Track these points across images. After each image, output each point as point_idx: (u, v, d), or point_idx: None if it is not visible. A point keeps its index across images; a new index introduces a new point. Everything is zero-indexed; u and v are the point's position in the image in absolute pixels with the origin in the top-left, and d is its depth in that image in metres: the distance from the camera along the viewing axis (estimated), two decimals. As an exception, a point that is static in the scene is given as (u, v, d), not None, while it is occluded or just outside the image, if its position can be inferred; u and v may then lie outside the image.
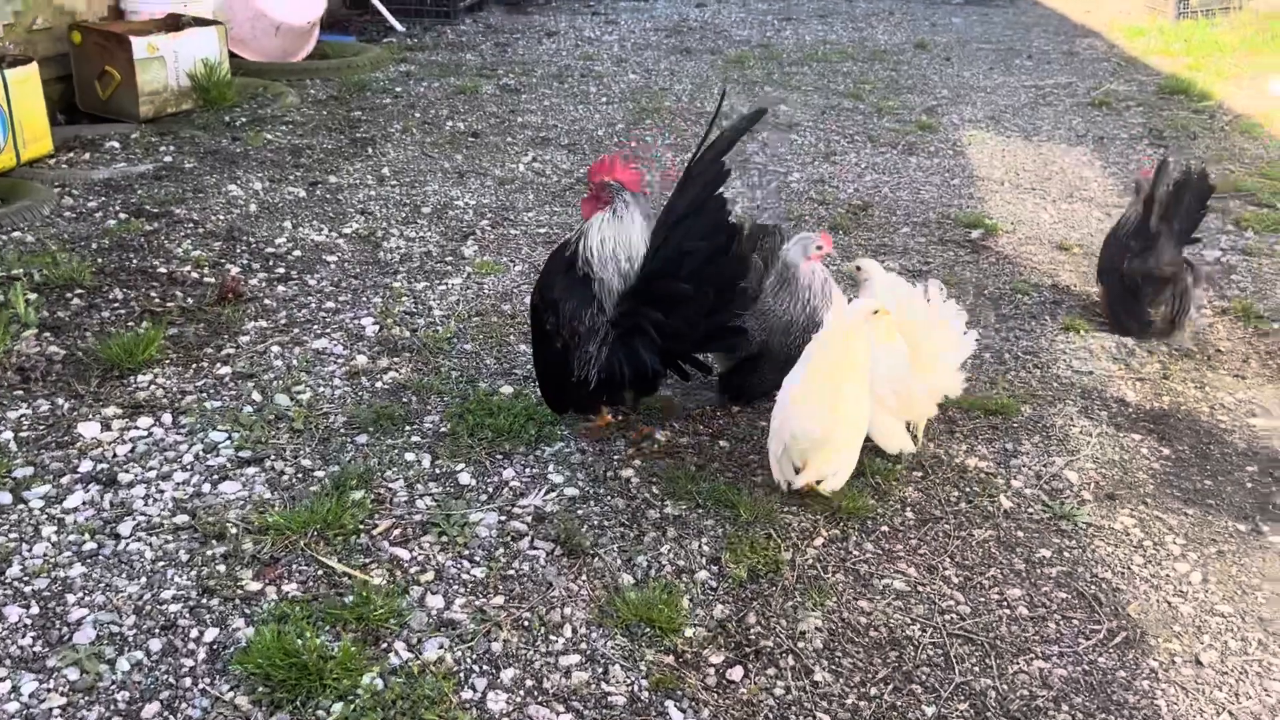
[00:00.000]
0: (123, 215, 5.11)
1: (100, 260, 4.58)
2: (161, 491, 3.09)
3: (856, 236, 5.39)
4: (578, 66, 9.16)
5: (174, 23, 6.94)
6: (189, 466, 3.22)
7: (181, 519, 2.97)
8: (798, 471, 3.09)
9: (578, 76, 8.78)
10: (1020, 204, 6.03)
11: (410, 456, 3.33)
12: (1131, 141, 7.32)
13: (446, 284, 4.65)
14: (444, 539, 2.94)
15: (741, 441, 3.49)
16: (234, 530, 2.92)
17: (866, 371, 3.04)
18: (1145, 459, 3.49)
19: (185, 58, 6.75)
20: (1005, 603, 2.80)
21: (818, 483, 3.10)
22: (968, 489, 3.29)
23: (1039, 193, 6.23)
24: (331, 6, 10.01)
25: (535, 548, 2.93)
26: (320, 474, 3.22)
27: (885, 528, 3.09)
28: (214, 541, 2.88)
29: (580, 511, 3.10)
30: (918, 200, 6.03)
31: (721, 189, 3.17)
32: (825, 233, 3.80)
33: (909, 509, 3.18)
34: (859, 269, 3.39)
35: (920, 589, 2.84)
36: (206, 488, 3.12)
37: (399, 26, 10.33)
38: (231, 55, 7.40)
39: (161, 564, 2.80)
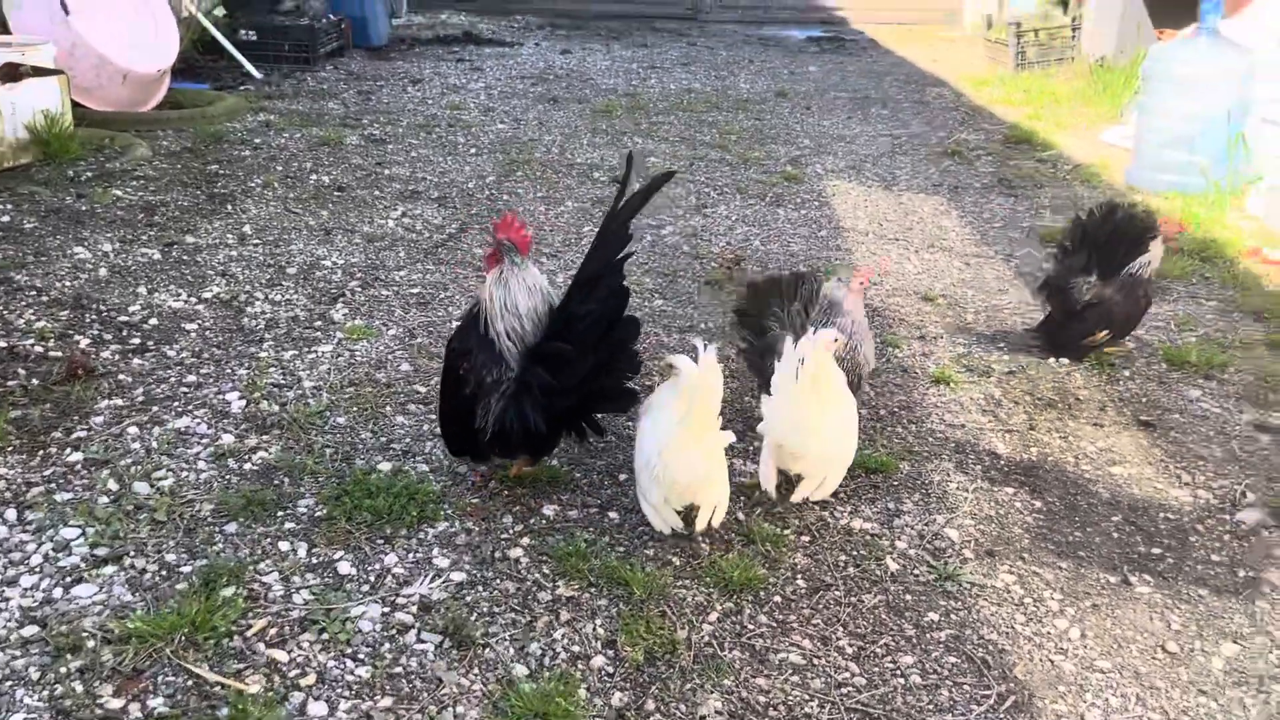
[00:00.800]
0: (-44, 284, 4.76)
1: (-69, 335, 4.25)
2: (6, 600, 2.84)
3: (733, 290, 5.45)
4: (444, 116, 9.07)
5: (11, 73, 6.55)
6: (38, 569, 2.97)
7: (30, 630, 2.73)
8: (683, 516, 3.25)
9: (445, 126, 8.68)
10: (885, 254, 6.21)
11: (285, 545, 3.16)
12: (984, 190, 7.66)
13: (316, 352, 4.47)
14: (324, 636, 2.79)
15: (631, 513, 3.44)
16: (91, 641, 2.70)
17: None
18: (1019, 513, 3.60)
19: (24, 109, 6.38)
20: (899, 671, 2.82)
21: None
22: (855, 552, 3.32)
23: (902, 243, 6.44)
24: (183, 52, 9.64)
25: (423, 641, 2.81)
26: (187, 569, 3.02)
27: (778, 598, 3.08)
28: (68, 655, 2.65)
29: (468, 598, 2.99)
30: (788, 252, 6.15)
31: (623, 253, 3.27)
32: (869, 268, 4.15)
33: (800, 576, 3.19)
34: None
35: (816, 662, 2.83)
36: (58, 592, 2.88)
37: (256, 73, 10.04)
38: (75, 105, 7.03)
39: (9, 684, 2.56)
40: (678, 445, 3.08)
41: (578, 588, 3.05)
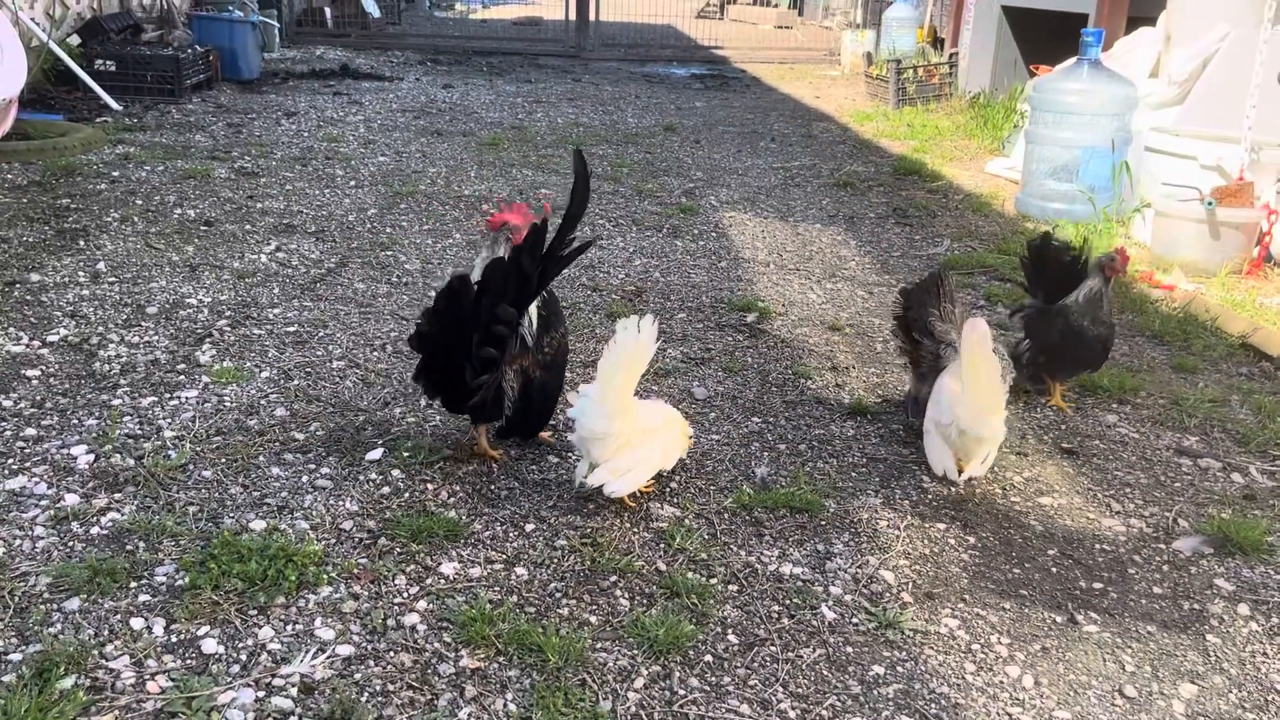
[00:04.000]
0: None
1: None
2: None
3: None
4: (321, 148, 8.62)
5: None
6: None
7: None
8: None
9: (322, 159, 8.23)
10: (788, 285, 6.04)
11: (138, 623, 2.71)
12: (879, 220, 7.60)
13: (179, 398, 4.00)
14: (185, 732, 2.36)
15: (541, 567, 3.10)
16: (-111, 754, 2.22)
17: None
18: (954, 550, 3.39)
19: None
20: (848, 735, 2.54)
21: (601, 485, 3.32)
22: (788, 601, 3.04)
23: (803, 273, 6.29)
24: (33, 82, 8.99)
25: (304, 730, 2.41)
26: (15, 658, 2.54)
27: (709, 657, 2.78)
28: None
29: (358, 675, 2.59)
30: (689, 284, 5.92)
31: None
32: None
33: (731, 631, 2.89)
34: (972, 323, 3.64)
35: (757, 729, 2.53)
36: None
37: (115, 105, 9.41)
38: (-96, 135, 6.37)
39: None
40: (594, 398, 3.24)
41: (484, 657, 2.69)
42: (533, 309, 3.60)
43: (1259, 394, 4.68)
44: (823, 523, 3.48)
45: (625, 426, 3.30)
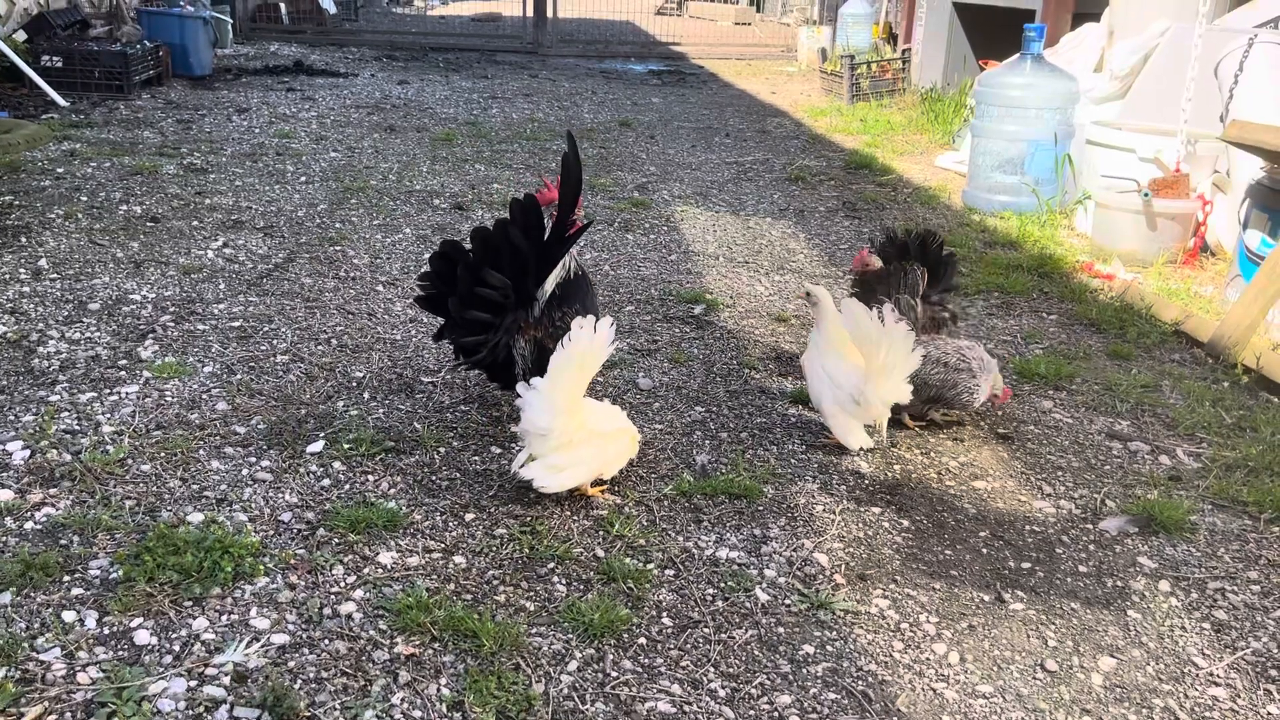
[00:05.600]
0: None
1: None
2: None
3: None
4: (273, 144, 8.57)
5: None
6: None
7: None
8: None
9: (273, 154, 8.19)
10: (736, 278, 6.10)
11: (70, 615, 2.71)
12: (829, 214, 7.68)
13: (119, 393, 3.99)
14: (115, 721, 2.37)
15: (479, 555, 3.13)
16: None
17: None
18: (888, 533, 3.45)
19: None
20: (776, 712, 2.59)
21: (531, 480, 3.33)
22: (723, 584, 3.09)
23: (752, 266, 6.35)
24: (-24, 78, 8.87)
25: (236, 717, 2.42)
26: (-55, 652, 2.54)
27: (643, 639, 2.82)
28: None
29: (292, 663, 2.61)
30: (639, 277, 5.96)
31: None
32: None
33: (665, 614, 2.93)
34: (809, 295, 4.00)
35: (687, 709, 2.58)
36: None
37: (61, 101, 9.31)
38: None
39: None
40: (541, 392, 3.28)
41: (419, 643, 2.71)
42: (549, 284, 3.91)
43: (1189, 379, 4.80)
44: (760, 508, 3.54)
45: (569, 425, 3.31)
